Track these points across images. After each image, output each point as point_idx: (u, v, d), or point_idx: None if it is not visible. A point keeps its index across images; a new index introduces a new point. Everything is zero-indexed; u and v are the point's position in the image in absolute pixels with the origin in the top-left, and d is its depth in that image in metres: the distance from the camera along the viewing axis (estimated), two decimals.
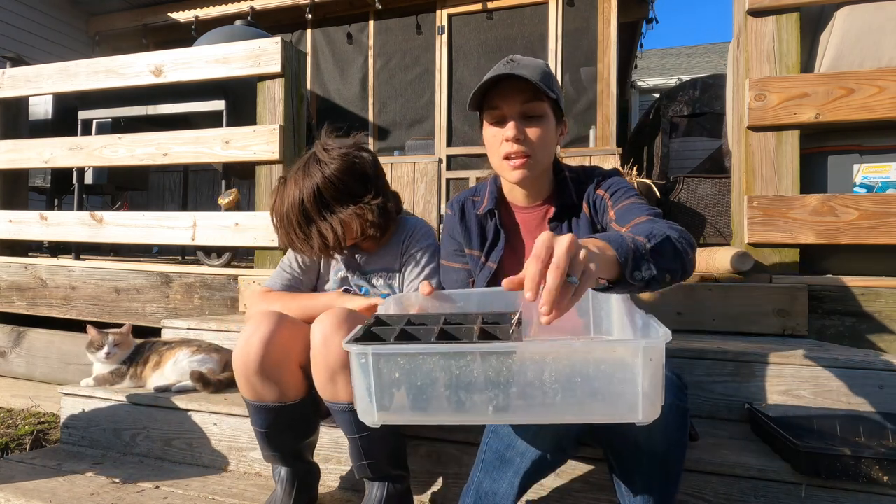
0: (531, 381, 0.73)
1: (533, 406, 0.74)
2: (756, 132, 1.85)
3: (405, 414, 0.77)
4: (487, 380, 0.73)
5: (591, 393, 0.72)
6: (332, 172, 1.24)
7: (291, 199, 1.25)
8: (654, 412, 0.70)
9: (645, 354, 0.69)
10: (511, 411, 0.75)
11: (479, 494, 0.94)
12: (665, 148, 4.70)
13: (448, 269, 1.29)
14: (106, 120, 2.92)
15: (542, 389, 0.73)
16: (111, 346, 1.62)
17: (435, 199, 4.38)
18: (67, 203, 3.66)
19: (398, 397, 0.77)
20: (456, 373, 0.74)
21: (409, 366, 0.75)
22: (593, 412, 0.73)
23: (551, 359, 0.73)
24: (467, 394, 0.74)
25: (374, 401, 0.77)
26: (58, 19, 5.26)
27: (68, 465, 1.49)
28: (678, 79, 7.72)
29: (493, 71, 1.08)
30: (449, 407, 0.76)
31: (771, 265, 1.83)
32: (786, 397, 1.36)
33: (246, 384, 1.15)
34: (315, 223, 1.26)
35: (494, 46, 4.39)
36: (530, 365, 0.72)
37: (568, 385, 0.73)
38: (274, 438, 1.19)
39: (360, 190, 1.29)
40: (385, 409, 0.78)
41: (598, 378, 0.72)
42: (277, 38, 2.32)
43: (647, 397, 0.70)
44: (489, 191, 1.24)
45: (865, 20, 1.80)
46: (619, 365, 0.70)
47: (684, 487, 1.12)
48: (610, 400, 0.72)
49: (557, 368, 0.72)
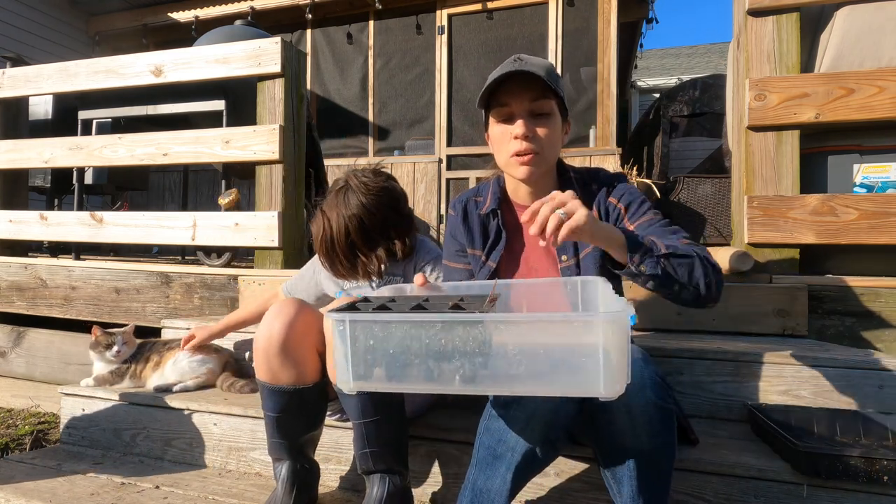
0: (496, 351, 0.75)
1: (498, 377, 0.76)
2: (756, 132, 1.85)
3: (380, 382, 0.81)
4: (455, 349, 0.76)
5: (553, 365, 0.74)
6: (372, 202, 1.34)
7: (337, 229, 1.34)
8: (617, 388, 0.71)
9: (605, 328, 0.70)
10: (477, 381, 0.77)
11: (474, 492, 0.95)
12: (665, 148, 4.69)
13: (450, 270, 1.30)
14: (106, 120, 2.91)
15: (507, 360, 0.75)
16: (121, 344, 1.64)
17: (435, 199, 4.37)
18: (67, 203, 3.65)
19: (373, 365, 0.81)
20: (426, 342, 0.77)
21: (382, 334, 0.79)
22: (556, 384, 0.75)
23: (515, 330, 0.75)
24: (436, 363, 0.78)
25: (350, 367, 0.81)
26: (58, 19, 5.26)
27: (68, 465, 1.49)
28: (678, 79, 7.72)
29: (501, 68, 1.08)
30: (419, 375, 0.79)
31: (771, 265, 1.83)
32: (786, 397, 1.36)
33: (265, 365, 1.20)
34: (360, 253, 1.36)
35: (494, 46, 4.39)
36: (494, 336, 0.75)
37: (531, 356, 0.74)
38: (283, 424, 1.22)
39: (396, 218, 1.39)
40: (360, 376, 0.82)
41: (560, 350, 0.73)
42: (277, 38, 2.32)
43: (608, 372, 0.70)
44: (492, 191, 1.25)
45: (865, 20, 1.80)
46: (580, 338, 0.71)
47: (684, 487, 1.12)
48: (571, 373, 0.73)
49: (521, 340, 0.74)
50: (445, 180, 4.39)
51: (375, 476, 1.17)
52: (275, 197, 2.32)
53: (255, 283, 2.15)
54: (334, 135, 4.81)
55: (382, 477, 1.17)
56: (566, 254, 1.17)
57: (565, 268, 1.16)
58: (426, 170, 4.42)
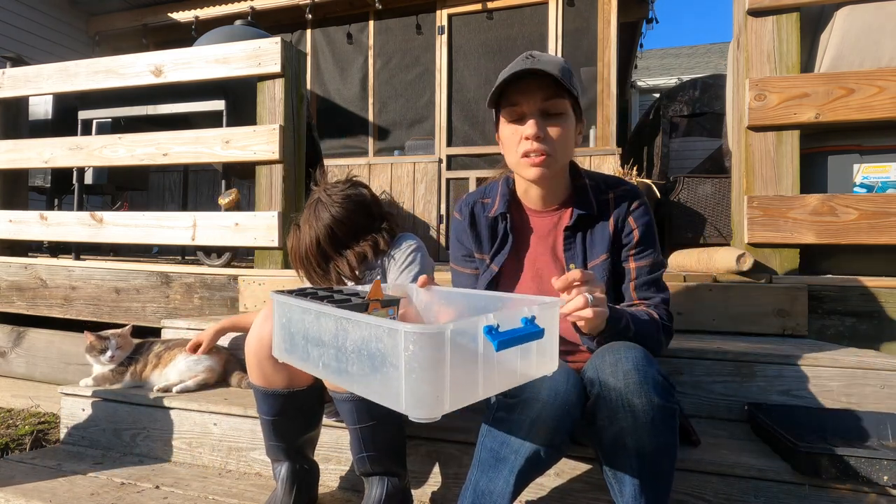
0: (339, 346, 0.78)
1: (341, 371, 0.79)
2: (756, 132, 1.85)
3: (288, 356, 0.94)
4: (320, 338, 0.83)
5: (372, 369, 0.73)
6: (339, 212, 1.36)
7: (308, 241, 1.37)
8: (424, 410, 0.66)
9: (406, 341, 0.65)
10: (330, 371, 0.82)
11: (476, 493, 0.94)
12: (665, 148, 4.69)
13: (457, 273, 1.28)
14: (106, 120, 2.91)
15: (346, 357, 0.77)
16: (114, 349, 1.63)
17: (435, 199, 4.37)
18: (67, 203, 3.65)
19: (286, 341, 0.94)
20: (307, 327, 0.86)
21: (287, 314, 0.92)
22: (372, 390, 0.74)
23: (355, 329, 0.76)
24: (313, 347, 0.85)
25: (276, 338, 0.96)
26: (58, 19, 5.26)
27: (68, 465, 1.49)
28: (678, 79, 7.72)
29: (513, 66, 1.05)
30: (302, 355, 0.89)
31: (771, 265, 1.83)
32: (786, 397, 1.36)
33: (257, 369, 1.20)
34: (332, 260, 1.39)
35: (494, 46, 4.38)
36: (339, 332, 0.79)
37: (358, 357, 0.75)
38: (280, 427, 1.21)
39: (367, 222, 1.41)
40: (280, 349, 0.96)
41: (377, 356, 0.71)
42: (277, 38, 2.32)
43: (410, 389, 0.66)
44: (500, 192, 1.21)
45: (865, 20, 1.80)
46: (390, 347, 0.69)
47: (684, 487, 1.12)
48: (382, 381, 0.71)
49: (354, 338, 0.76)
50: (445, 180, 4.39)
51: (374, 478, 1.17)
52: (275, 197, 2.32)
53: (255, 283, 2.15)
54: (334, 135, 4.81)
55: (381, 479, 1.16)
56: (574, 263, 1.14)
57: None
58: (426, 170, 4.41)
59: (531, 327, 0.75)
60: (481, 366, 0.72)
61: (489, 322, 0.71)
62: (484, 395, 0.73)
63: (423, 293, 1.07)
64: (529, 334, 0.75)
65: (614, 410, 0.88)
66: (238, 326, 1.74)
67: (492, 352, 0.70)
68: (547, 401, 0.90)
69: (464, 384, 0.70)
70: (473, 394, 0.71)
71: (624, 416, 0.87)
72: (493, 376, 0.74)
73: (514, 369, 0.78)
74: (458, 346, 0.68)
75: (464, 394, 0.70)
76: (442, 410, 0.67)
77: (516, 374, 0.79)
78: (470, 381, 0.71)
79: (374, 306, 0.93)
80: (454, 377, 0.67)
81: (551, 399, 0.90)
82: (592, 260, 1.14)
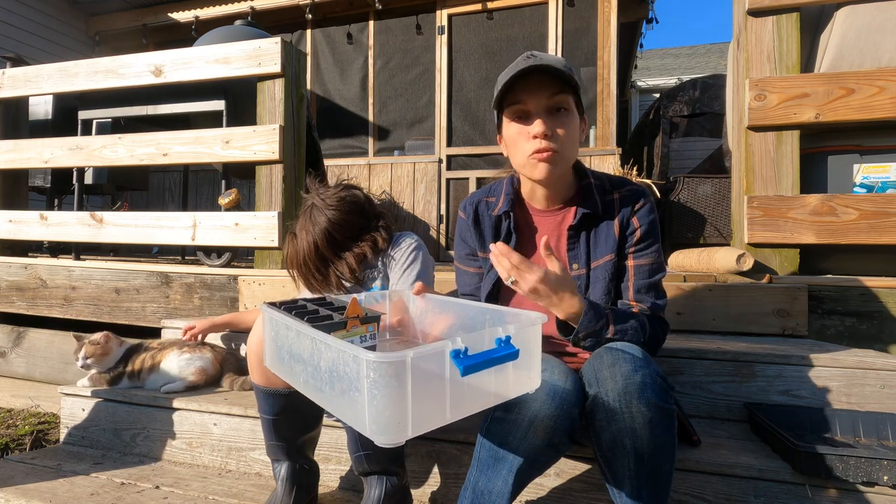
0: (315, 364, 0.79)
1: (318, 389, 0.80)
2: (756, 132, 1.85)
3: (276, 368, 0.95)
4: (300, 355, 0.84)
5: (341, 391, 0.73)
6: (335, 215, 1.35)
7: (306, 247, 1.36)
8: (388, 436, 0.66)
9: (367, 368, 0.65)
10: (310, 388, 0.83)
11: (475, 493, 0.94)
12: (665, 148, 4.69)
13: (461, 272, 1.28)
14: (106, 120, 2.91)
15: (321, 376, 0.78)
16: (83, 359, 1.60)
17: (435, 199, 4.37)
18: (67, 203, 3.66)
19: (274, 353, 0.95)
20: (290, 343, 0.88)
21: (275, 328, 0.94)
22: (343, 411, 0.74)
23: (324, 348, 0.76)
24: (295, 363, 0.87)
25: (267, 349, 0.97)
26: (58, 19, 5.26)
27: (68, 466, 1.49)
28: (678, 79, 7.72)
29: (515, 66, 1.04)
30: (288, 369, 0.90)
31: (771, 265, 1.83)
32: (786, 397, 1.36)
33: (258, 368, 1.20)
34: (332, 264, 1.37)
35: (494, 47, 4.38)
36: (315, 351, 0.79)
37: (330, 378, 0.76)
38: (280, 426, 1.22)
39: (363, 222, 1.40)
40: (270, 360, 0.97)
41: (345, 379, 0.71)
42: (277, 38, 2.32)
43: (374, 416, 0.66)
44: (505, 192, 1.20)
45: (865, 20, 1.80)
46: (355, 372, 0.69)
47: (684, 487, 1.12)
48: (350, 404, 0.71)
49: (327, 360, 0.76)
50: (445, 180, 4.39)
51: (373, 477, 1.17)
52: (275, 197, 2.32)
53: (256, 283, 2.15)
54: (334, 135, 4.81)
55: (380, 478, 1.17)
56: (577, 262, 1.14)
57: (574, 277, 1.13)
58: (426, 170, 4.41)
59: (505, 349, 0.74)
60: (448, 390, 0.71)
61: (457, 346, 0.71)
62: (452, 419, 0.72)
63: (419, 301, 1.07)
64: (503, 356, 0.74)
65: (612, 411, 0.88)
66: (237, 325, 1.73)
67: (459, 376, 0.70)
68: (545, 400, 0.90)
69: (429, 409, 0.70)
70: (441, 418, 0.71)
71: (622, 416, 0.87)
72: (462, 400, 0.73)
73: (487, 390, 0.77)
74: (423, 371, 0.68)
75: (429, 418, 0.70)
76: (406, 436, 0.67)
77: (490, 395, 0.78)
78: (436, 406, 0.71)
79: (353, 324, 0.92)
80: (417, 403, 0.67)
81: (549, 398, 0.90)
82: (596, 260, 1.13)
